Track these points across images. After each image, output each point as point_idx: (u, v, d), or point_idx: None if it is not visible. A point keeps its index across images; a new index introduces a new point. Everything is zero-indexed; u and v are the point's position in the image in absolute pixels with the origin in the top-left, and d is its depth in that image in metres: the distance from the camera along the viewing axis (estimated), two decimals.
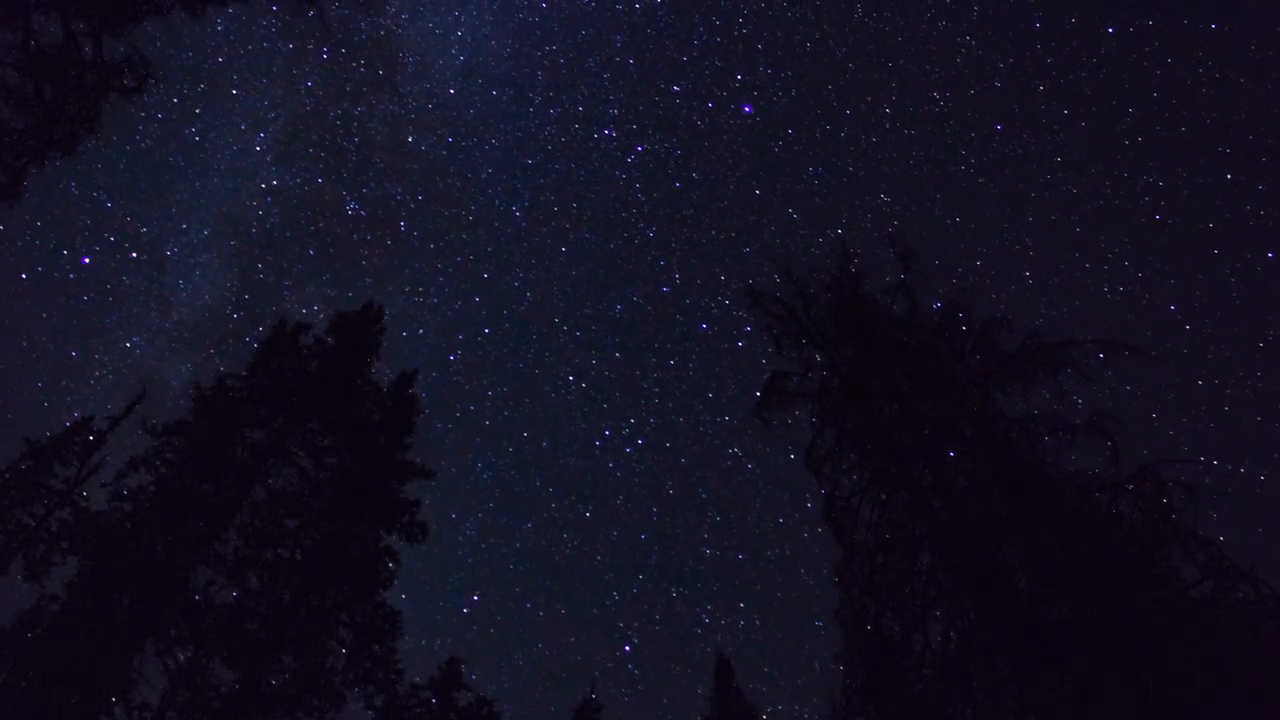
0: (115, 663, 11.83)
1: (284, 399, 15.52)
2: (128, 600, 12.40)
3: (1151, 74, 37.21)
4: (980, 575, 9.79)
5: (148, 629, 12.35)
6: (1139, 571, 9.30)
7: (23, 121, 11.09)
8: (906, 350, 12.70)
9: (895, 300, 13.29)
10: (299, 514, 14.67)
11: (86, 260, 37.16)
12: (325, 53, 44.77)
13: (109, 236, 39.81)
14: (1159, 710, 8.09)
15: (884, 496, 11.65)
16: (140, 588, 12.45)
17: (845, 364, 13.13)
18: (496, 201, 49.63)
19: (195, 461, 14.01)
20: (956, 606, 10.31)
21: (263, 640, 13.04)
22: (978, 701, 9.72)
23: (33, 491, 13.53)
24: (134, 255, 39.70)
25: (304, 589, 13.81)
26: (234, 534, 13.96)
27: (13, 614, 12.60)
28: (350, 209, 44.94)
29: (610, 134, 49.11)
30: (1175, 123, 36.75)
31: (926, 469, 11.24)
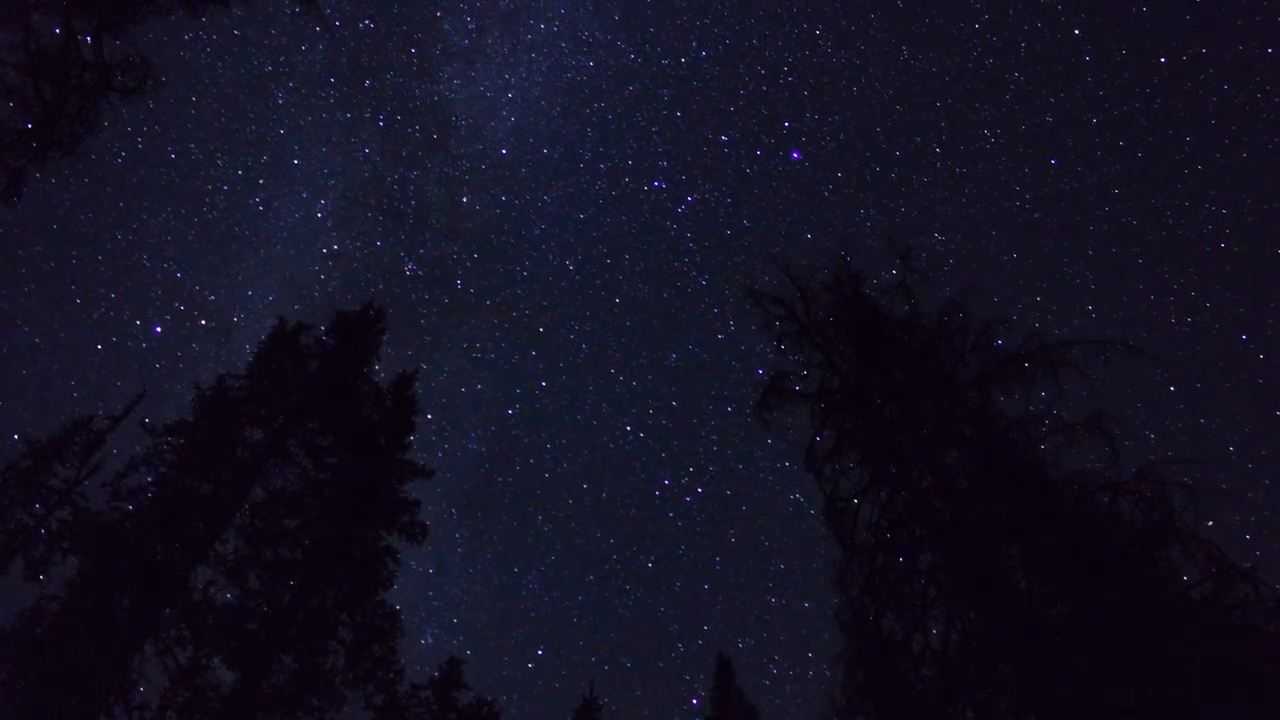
0: (115, 663, 11.82)
1: (284, 399, 15.52)
2: (128, 600, 12.40)
3: (1208, 100, 36.60)
4: (980, 575, 9.78)
5: (148, 629, 12.34)
6: (1139, 571, 9.30)
7: (23, 121, 11.09)
8: (907, 350, 12.70)
9: (895, 301, 13.30)
10: (299, 514, 14.67)
11: (159, 330, 38.29)
12: (382, 120, 47.43)
13: (179, 306, 41.26)
14: (1159, 710, 8.09)
15: (884, 497, 11.65)
16: (140, 588, 12.45)
17: (845, 364, 13.13)
18: (550, 256, 51.16)
19: (195, 461, 14.01)
20: (956, 606, 10.30)
21: (263, 640, 13.04)
22: (978, 701, 9.71)
23: (33, 491, 13.53)
24: (203, 323, 41.05)
25: (304, 589, 13.81)
26: (234, 534, 13.96)
27: (13, 614, 12.61)
28: (408, 269, 46.58)
29: (660, 185, 50.45)
30: (1235, 150, 36.19)
31: (926, 469, 11.23)
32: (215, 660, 12.89)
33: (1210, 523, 9.68)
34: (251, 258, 43.92)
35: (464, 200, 48.42)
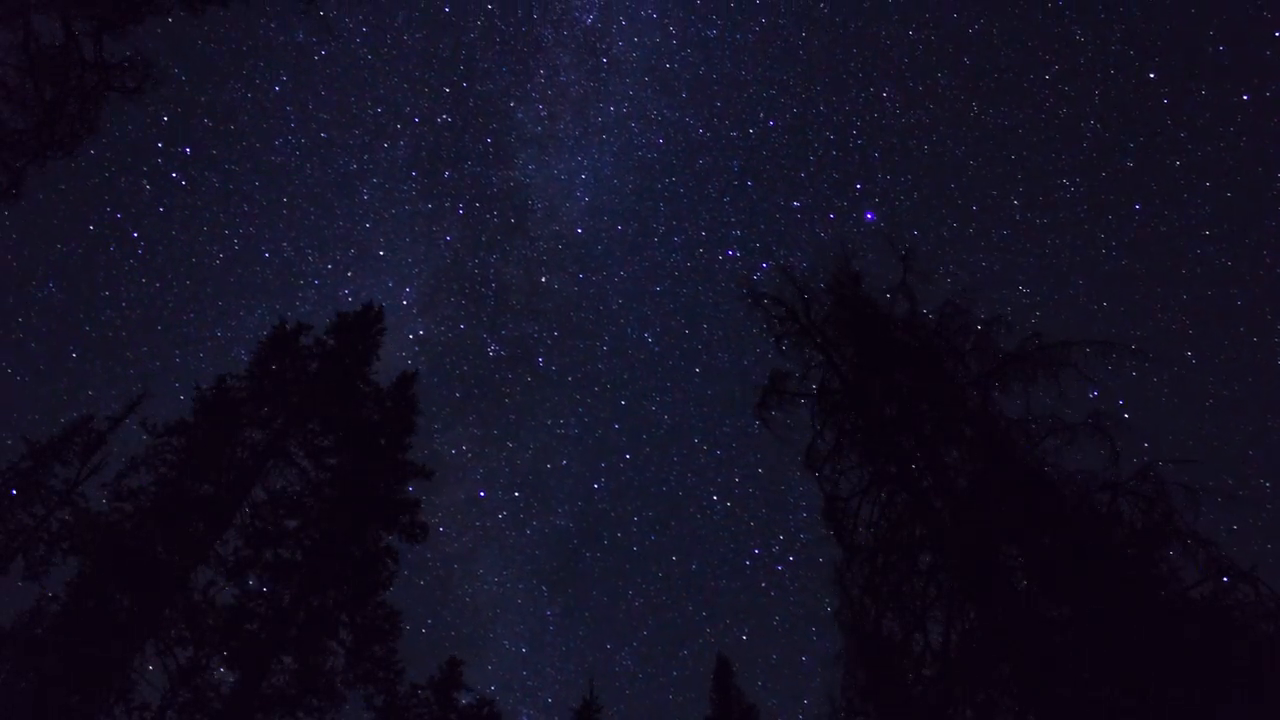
0: (115, 663, 11.82)
1: (284, 399, 15.52)
2: (128, 600, 12.40)
3: None
4: (980, 575, 9.78)
5: (148, 629, 12.34)
6: (1139, 571, 9.29)
7: (23, 121, 11.09)
8: (907, 351, 12.70)
9: (896, 301, 13.30)
10: (299, 514, 14.67)
11: None
12: (461, 208, 49.70)
13: None
14: (1159, 710, 8.09)
15: (884, 497, 11.64)
16: (140, 588, 12.45)
17: (845, 364, 13.12)
18: (629, 330, 51.75)
19: (195, 461, 14.01)
20: (956, 606, 10.30)
21: (263, 640, 13.04)
22: (978, 701, 9.71)
23: (33, 491, 13.53)
24: None
25: (304, 589, 13.80)
26: (234, 534, 13.96)
27: (13, 614, 12.62)
28: (491, 350, 48.04)
29: (734, 254, 50.61)
30: None
31: (926, 469, 11.23)
32: (215, 660, 12.89)
33: (1213, 516, 9.67)
34: None
35: (542, 280, 49.93)
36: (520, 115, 50.50)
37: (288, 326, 16.61)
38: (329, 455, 15.57)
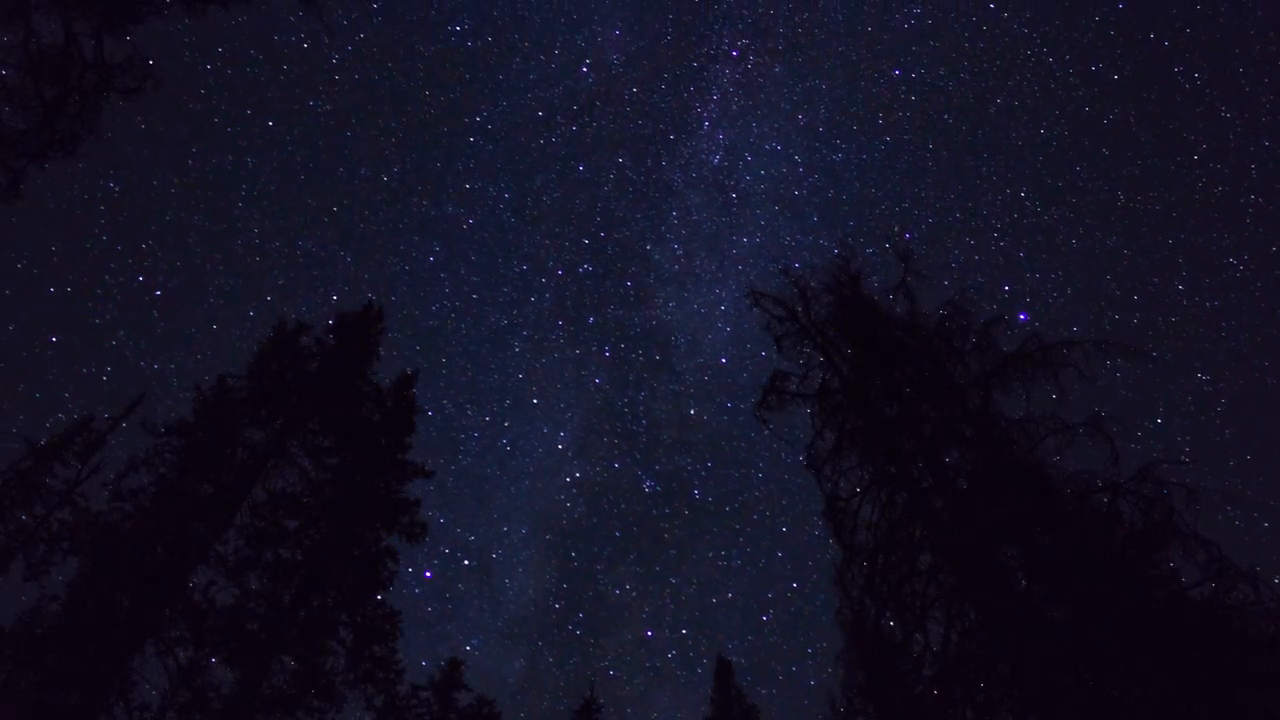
0: (115, 663, 11.82)
1: (284, 399, 15.52)
2: (128, 600, 12.40)
3: None
4: (980, 575, 9.78)
5: (148, 629, 12.34)
6: (1139, 572, 9.30)
7: (23, 121, 11.09)
8: (907, 351, 12.70)
9: (896, 301, 13.31)
10: (299, 514, 14.66)
11: (429, 575, 40.53)
12: (607, 350, 51.52)
13: (444, 549, 43.49)
14: (1159, 710, 8.09)
15: (884, 497, 11.65)
16: (140, 588, 12.44)
17: (845, 364, 13.13)
18: (783, 455, 53.35)
19: (195, 461, 14.00)
20: (956, 606, 10.30)
21: (263, 640, 13.04)
22: (978, 701, 9.71)
23: (33, 491, 13.53)
24: (466, 563, 43.57)
25: (304, 589, 13.80)
26: (234, 534, 13.95)
27: (13, 614, 12.61)
28: (646, 486, 48.33)
29: None
30: None
31: (926, 469, 11.24)
32: (215, 660, 12.89)
33: (1214, 516, 9.65)
34: (503, 495, 47.46)
35: (691, 412, 50.35)
36: (657, 256, 52.94)
37: (288, 326, 16.61)
38: (329, 455, 15.57)
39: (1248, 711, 7.87)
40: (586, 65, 55.05)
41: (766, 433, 13.68)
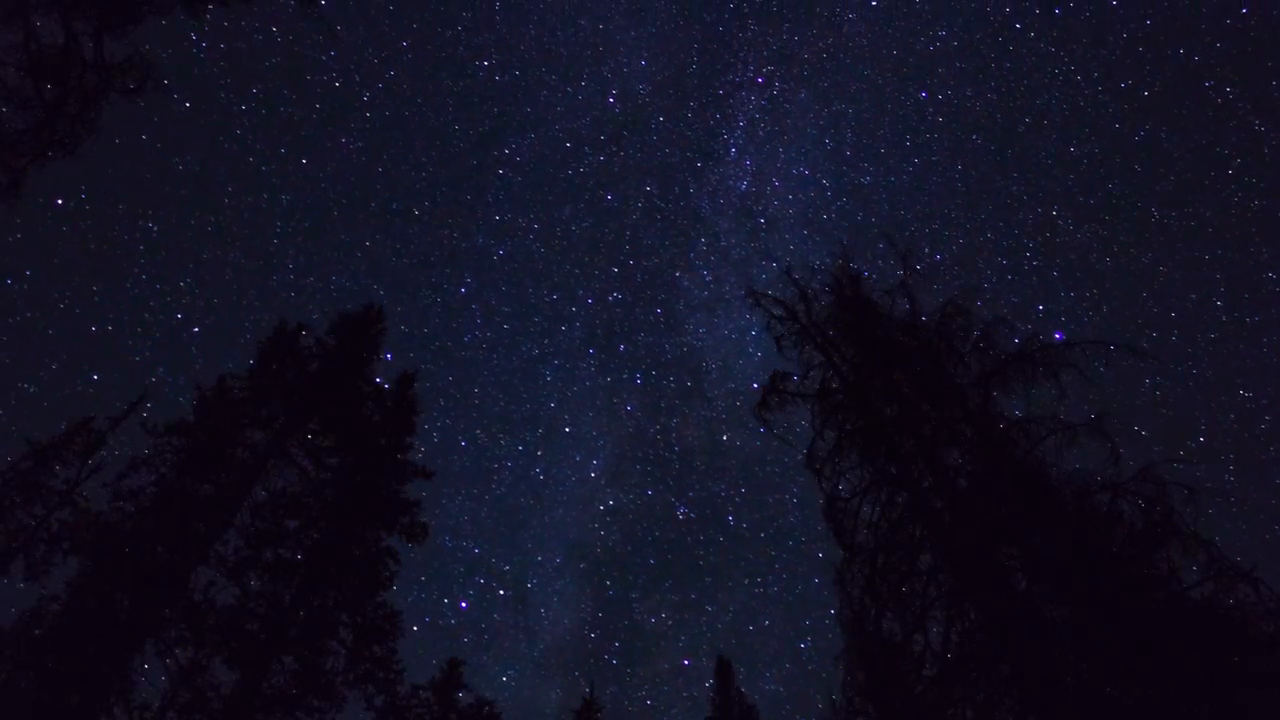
0: (115, 663, 11.82)
1: (284, 399, 15.52)
2: (128, 600, 12.40)
3: None
4: (980, 575, 9.78)
5: (148, 629, 12.34)
6: (1139, 572, 9.30)
7: (23, 121, 11.08)
8: (907, 351, 12.70)
9: (896, 301, 13.31)
10: (299, 514, 14.67)
11: (465, 605, 41.13)
12: (639, 378, 52.00)
13: (479, 580, 44.44)
14: (1159, 710, 8.09)
15: (884, 497, 11.65)
16: (140, 588, 12.45)
17: (845, 364, 13.13)
18: (820, 480, 51.52)
19: (195, 461, 14.01)
20: (956, 606, 10.30)
21: (263, 640, 13.04)
22: (978, 701, 9.71)
23: (33, 491, 13.53)
24: (501, 593, 44.14)
25: (304, 589, 13.81)
26: (234, 534, 13.96)
27: (13, 614, 12.61)
28: (680, 513, 48.49)
29: None
30: None
31: (926, 469, 11.23)
32: (215, 660, 12.89)
33: (1212, 519, 9.64)
34: (537, 524, 48.07)
35: (724, 438, 50.20)
36: (686, 283, 53.22)
37: (288, 326, 16.62)
38: (329, 455, 15.57)
39: (1248, 711, 7.87)
40: (613, 96, 55.96)
41: (763, 432, 13.68)
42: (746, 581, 46.65)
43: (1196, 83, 41.67)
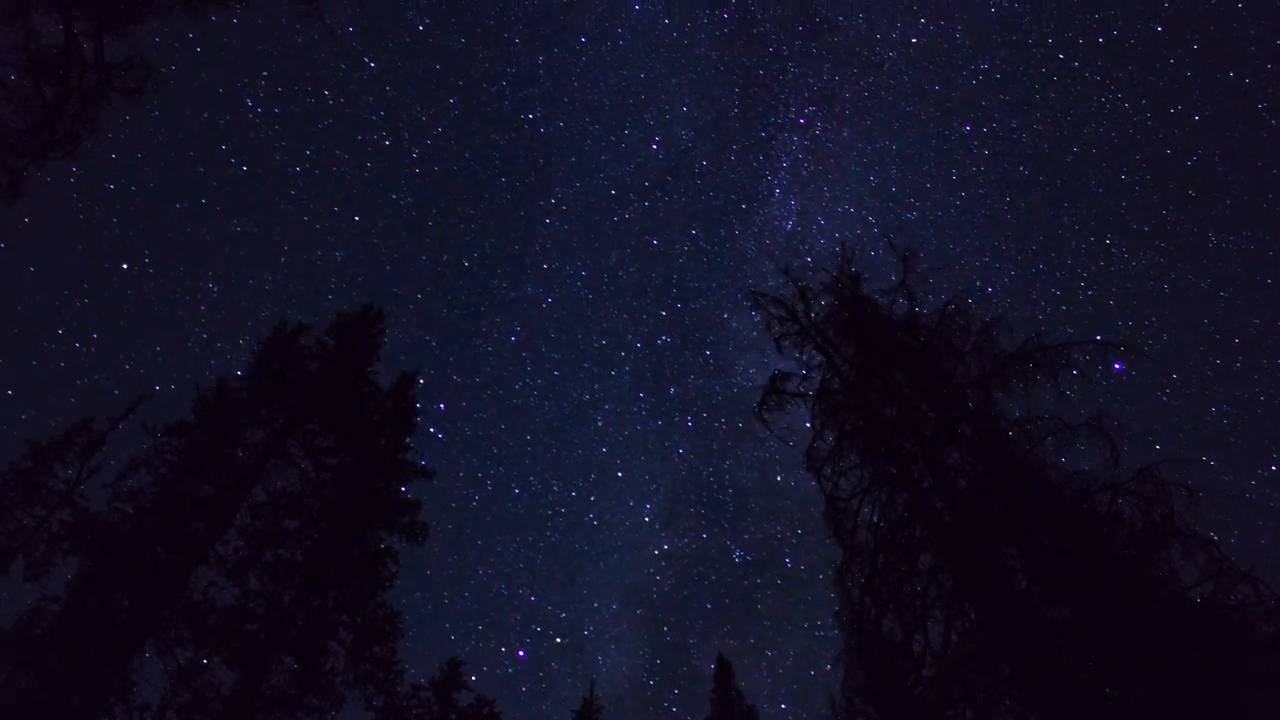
0: (115, 663, 11.82)
1: (284, 400, 15.52)
2: (128, 600, 12.40)
3: None
4: (980, 575, 9.78)
5: (148, 629, 12.34)
6: (1139, 572, 9.30)
7: (23, 121, 11.08)
8: (907, 351, 12.70)
9: (895, 301, 13.31)
10: (299, 514, 14.67)
11: (522, 654, 40.45)
12: (690, 420, 51.53)
13: (536, 628, 43.97)
14: (1159, 710, 8.09)
15: (884, 497, 11.65)
16: (140, 588, 12.45)
17: (845, 365, 13.13)
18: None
19: (195, 462, 14.01)
20: (956, 607, 10.30)
21: (263, 640, 13.04)
22: (978, 701, 9.71)
23: (33, 491, 13.53)
24: (558, 640, 43.35)
25: (304, 589, 13.80)
26: (234, 534, 13.96)
27: (13, 614, 12.61)
28: (736, 556, 47.50)
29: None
30: None
31: (926, 469, 11.23)
32: (215, 660, 12.89)
33: (1213, 519, 9.62)
34: (593, 570, 47.78)
35: (778, 479, 49.24)
36: (734, 325, 52.72)
37: (288, 326, 16.62)
38: (329, 455, 15.57)
39: (1248, 711, 7.87)
40: (656, 142, 56.52)
41: (764, 433, 13.68)
42: (806, 625, 45.49)
43: (1248, 105, 41.16)
